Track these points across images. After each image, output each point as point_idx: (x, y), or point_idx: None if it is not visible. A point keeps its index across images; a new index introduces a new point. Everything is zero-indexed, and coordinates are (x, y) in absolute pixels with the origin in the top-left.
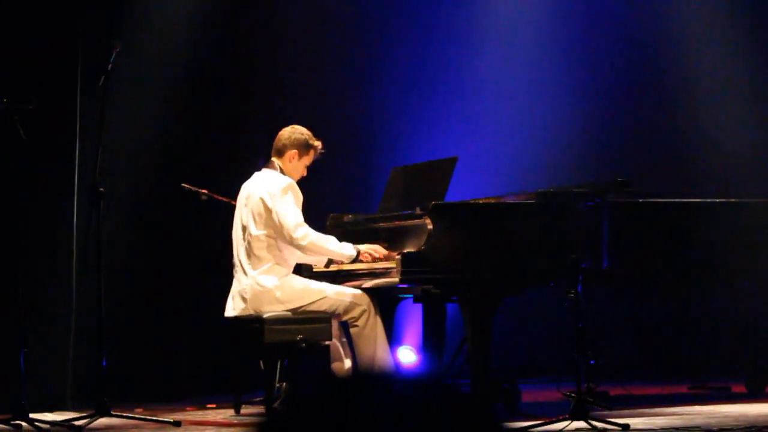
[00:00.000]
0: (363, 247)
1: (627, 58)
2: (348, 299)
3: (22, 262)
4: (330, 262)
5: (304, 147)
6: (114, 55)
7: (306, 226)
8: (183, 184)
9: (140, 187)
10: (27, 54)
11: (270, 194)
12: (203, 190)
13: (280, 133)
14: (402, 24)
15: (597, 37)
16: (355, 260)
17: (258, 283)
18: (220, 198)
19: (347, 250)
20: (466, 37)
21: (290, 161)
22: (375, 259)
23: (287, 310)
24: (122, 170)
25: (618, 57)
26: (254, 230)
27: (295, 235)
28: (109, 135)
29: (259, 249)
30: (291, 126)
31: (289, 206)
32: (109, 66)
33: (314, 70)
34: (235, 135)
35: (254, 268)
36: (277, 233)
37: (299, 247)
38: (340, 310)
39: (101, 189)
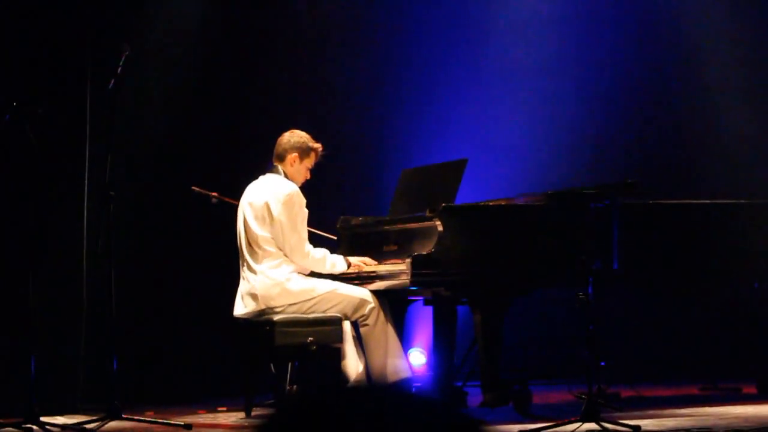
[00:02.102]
0: (354, 260)
1: (637, 60)
2: (357, 297)
3: (33, 266)
4: None
5: (304, 150)
6: (123, 58)
7: (307, 244)
8: (193, 187)
9: (150, 190)
10: (36, 58)
11: (276, 200)
12: (213, 193)
13: (279, 138)
14: (412, 26)
15: (607, 39)
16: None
17: (268, 277)
18: (231, 201)
19: (339, 267)
20: (476, 38)
21: (291, 165)
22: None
23: (298, 303)
24: (132, 173)
25: (628, 59)
26: (260, 231)
27: (297, 252)
28: (119, 138)
29: (267, 247)
30: (290, 131)
31: (294, 221)
32: (119, 70)
33: (324, 73)
34: (245, 137)
35: (261, 265)
36: (278, 241)
37: (299, 263)
38: (350, 308)
39: (111, 192)
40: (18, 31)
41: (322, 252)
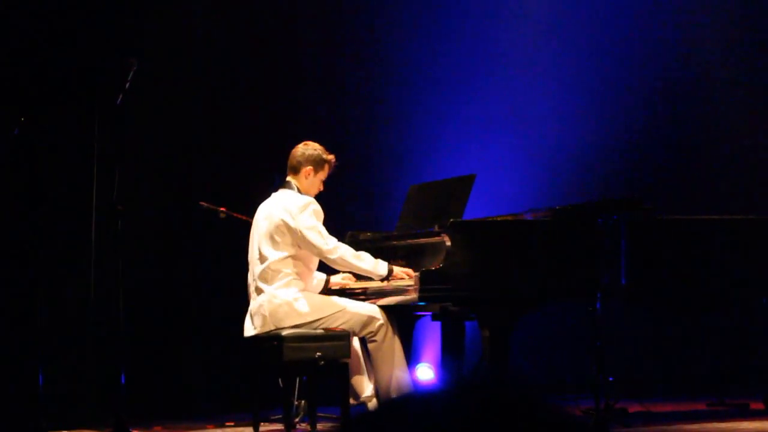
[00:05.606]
0: (397, 269)
1: (644, 75)
2: (366, 314)
3: (40, 281)
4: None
5: (318, 162)
6: (131, 73)
7: (335, 240)
8: (201, 203)
9: (158, 206)
10: (44, 73)
11: (291, 214)
12: (221, 209)
13: (293, 150)
14: (421, 42)
15: (615, 56)
16: (385, 279)
17: (276, 297)
18: (239, 216)
19: (381, 269)
20: (485, 54)
21: (306, 177)
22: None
23: (306, 323)
24: (140, 189)
25: (636, 74)
26: (272, 251)
27: (326, 248)
28: (127, 153)
29: (276, 268)
30: (303, 142)
31: (314, 223)
32: (127, 84)
33: (333, 87)
34: (253, 153)
35: (270, 284)
36: (306, 249)
37: (330, 261)
38: (358, 325)
39: (119, 207)
40: (26, 47)
41: (361, 252)
